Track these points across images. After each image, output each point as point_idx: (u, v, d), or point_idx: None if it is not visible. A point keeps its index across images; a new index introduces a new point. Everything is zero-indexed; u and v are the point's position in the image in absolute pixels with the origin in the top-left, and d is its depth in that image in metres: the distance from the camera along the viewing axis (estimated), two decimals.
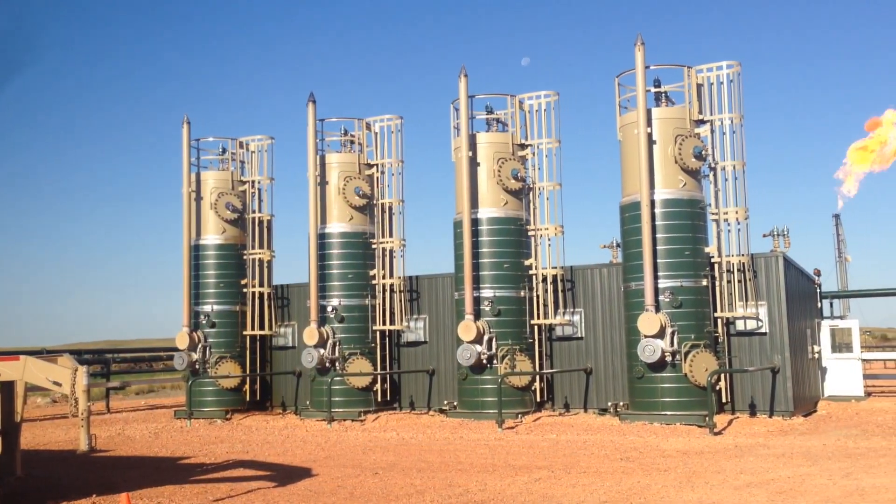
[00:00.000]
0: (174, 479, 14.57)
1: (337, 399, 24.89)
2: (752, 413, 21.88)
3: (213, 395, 26.80)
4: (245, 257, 27.68)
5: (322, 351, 25.31)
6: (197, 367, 26.86)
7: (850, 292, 41.66)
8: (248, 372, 27.20)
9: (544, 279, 24.26)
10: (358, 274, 26.10)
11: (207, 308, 27.28)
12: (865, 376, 28.49)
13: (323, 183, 26.34)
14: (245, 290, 27.48)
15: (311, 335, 25.22)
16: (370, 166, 26.83)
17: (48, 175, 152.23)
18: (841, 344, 28.91)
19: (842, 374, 27.13)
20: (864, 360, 28.24)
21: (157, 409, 30.30)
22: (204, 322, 27.19)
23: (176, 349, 27.32)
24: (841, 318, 33.59)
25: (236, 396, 27.05)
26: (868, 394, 27.75)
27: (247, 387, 27.28)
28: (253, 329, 27.29)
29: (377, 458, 16.70)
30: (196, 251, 27.59)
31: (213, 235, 27.63)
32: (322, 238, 26.09)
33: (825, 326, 27.88)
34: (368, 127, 27.15)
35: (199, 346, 26.86)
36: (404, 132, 26.90)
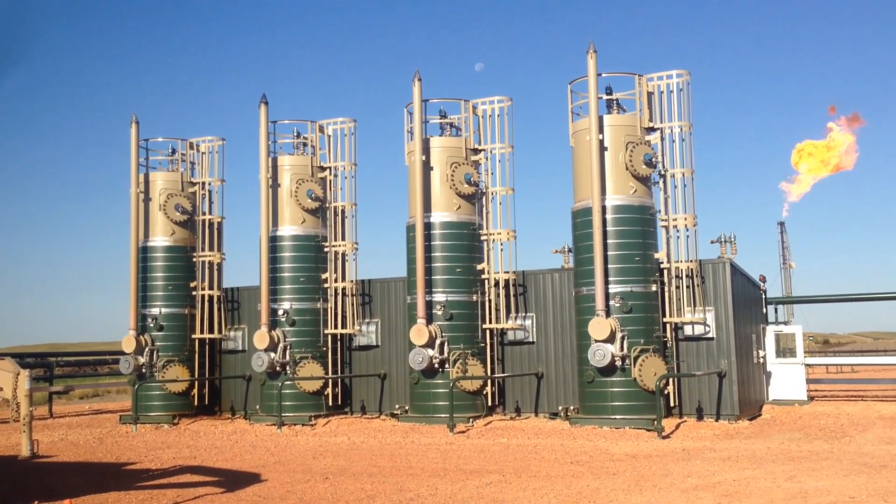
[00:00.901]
0: (119, 485, 14.27)
1: (287, 403, 24.65)
2: (700, 417, 22.22)
3: (160, 400, 26.34)
4: (194, 259, 27.27)
5: (273, 355, 25.05)
6: (144, 370, 26.38)
7: (794, 298, 42.61)
8: (196, 376, 26.79)
9: (496, 284, 24.36)
10: (310, 277, 25.92)
11: (155, 311, 26.82)
12: (808, 381, 29.15)
13: (275, 185, 26.10)
14: (194, 292, 27.07)
15: (261, 339, 24.95)
16: (323, 169, 26.67)
17: None
18: (785, 349, 29.55)
19: (786, 379, 27.74)
20: (807, 365, 28.90)
21: (101, 413, 29.66)
22: (151, 325, 26.72)
23: (122, 353, 26.78)
24: (785, 323, 34.39)
25: (184, 401, 26.62)
26: (811, 398, 28.39)
27: (195, 391, 26.86)
28: (202, 332, 26.89)
29: (327, 462, 16.57)
30: (144, 253, 27.11)
31: (162, 237, 27.18)
32: (274, 241, 25.84)
33: (770, 332, 28.46)
34: (322, 129, 26.99)
35: (147, 349, 26.39)
36: (358, 135, 26.88)
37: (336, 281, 25.96)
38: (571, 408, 23.04)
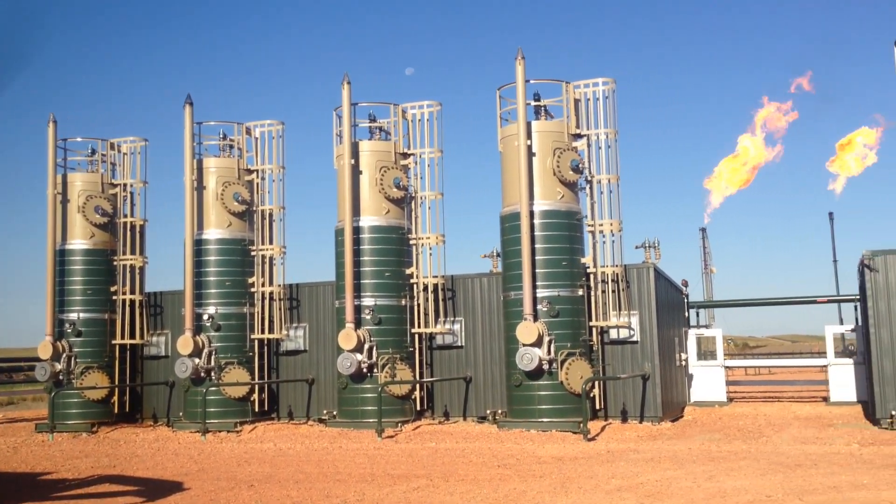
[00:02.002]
0: (34, 495, 13.77)
1: (212, 410, 24.17)
2: (624, 419, 22.62)
3: (78, 408, 25.52)
4: (115, 263, 26.51)
5: (197, 360, 24.54)
6: (61, 377, 25.53)
7: (715, 302, 43.83)
8: (116, 383, 26.05)
9: (425, 288, 24.37)
10: (236, 281, 25.48)
11: (73, 316, 25.98)
12: (728, 382, 29.99)
13: (200, 188, 25.59)
14: (115, 297, 26.32)
15: (185, 344, 24.41)
16: (250, 172, 26.27)
17: None
18: (706, 352, 30.37)
19: (707, 381, 28.47)
20: (727, 368, 29.73)
21: (16, 422, 28.54)
22: (69, 330, 25.88)
23: (38, 359, 25.87)
24: (706, 327, 35.36)
25: (104, 408, 25.85)
26: (730, 399, 29.20)
27: (115, 398, 26.11)
28: (123, 338, 26.15)
29: (253, 469, 16.29)
30: (62, 256, 26.24)
31: (81, 240, 26.36)
32: (199, 244, 25.32)
33: (692, 335, 29.19)
34: (249, 132, 26.59)
35: (64, 355, 25.55)
36: (286, 138, 26.57)
37: (263, 285, 25.59)
38: (499, 411, 23.19)
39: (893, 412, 20.38)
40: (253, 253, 25.76)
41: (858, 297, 26.00)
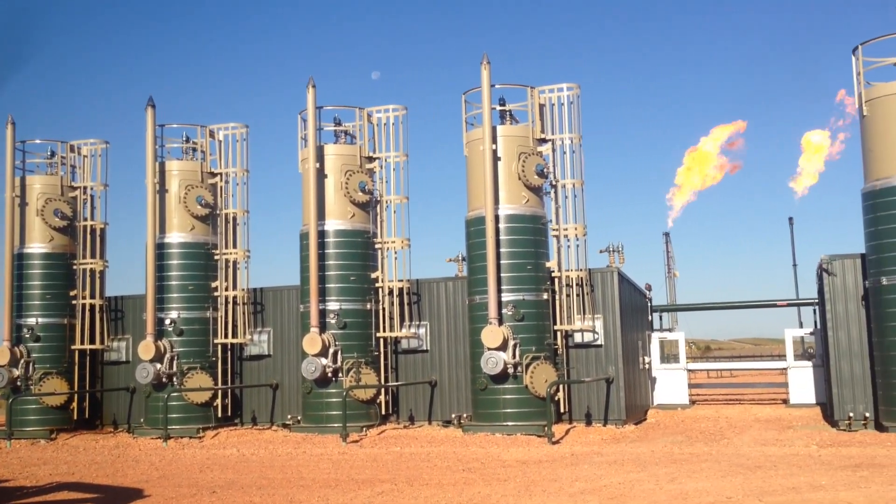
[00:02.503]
0: None
1: (174, 416, 23.87)
2: (588, 422, 22.76)
3: (36, 414, 25.06)
4: (75, 267, 26.11)
5: (158, 366, 24.23)
6: (19, 383, 25.06)
7: (678, 306, 44.21)
8: (75, 389, 25.63)
9: (390, 292, 24.32)
10: (199, 286, 25.21)
11: (31, 321, 25.52)
12: (690, 385, 30.31)
13: (162, 191, 25.31)
14: (74, 301, 25.91)
15: (146, 349, 24.09)
16: (214, 175, 26.04)
17: None
18: (669, 355, 30.67)
19: (669, 384, 28.76)
20: (689, 371, 30.06)
21: None
22: (27, 336, 25.41)
23: None
24: (669, 330, 35.63)
25: (63, 415, 25.40)
26: (693, 402, 29.52)
27: (74, 404, 25.68)
28: (82, 343, 25.74)
29: (215, 476, 16.12)
30: (19, 260, 25.78)
31: (39, 244, 25.91)
32: (161, 248, 25.03)
33: (655, 338, 29.46)
34: (212, 135, 26.35)
35: (22, 361, 25.08)
36: (250, 141, 26.37)
37: (227, 289, 25.36)
38: (464, 415, 23.21)
39: (851, 414, 20.75)
40: (216, 257, 25.51)
41: (817, 300, 26.44)
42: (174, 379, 24.47)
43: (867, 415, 20.53)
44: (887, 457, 15.87)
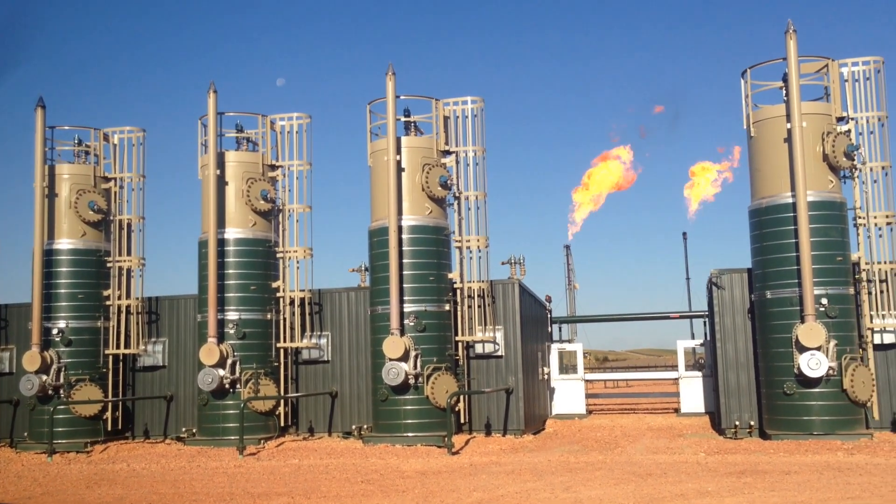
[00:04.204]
0: None
1: (60, 430, 22.86)
2: (488, 432, 22.98)
3: None
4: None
5: (45, 377, 23.17)
6: None
7: (577, 318, 45.22)
8: None
9: (292, 302, 24.01)
10: (90, 294, 24.26)
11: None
12: (588, 396, 31.00)
13: (52, 195, 24.28)
14: None
15: (31, 360, 23.00)
16: (107, 180, 25.15)
17: None
18: (567, 365, 31.28)
19: (568, 394, 29.34)
20: (587, 381, 30.74)
21: None
22: None
23: None
24: (568, 341, 36.40)
25: None
26: (590, 412, 30.20)
27: None
28: None
29: (103, 492, 15.51)
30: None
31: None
32: (49, 255, 23.97)
33: (554, 349, 30.03)
34: (107, 138, 25.46)
35: None
36: (147, 146, 25.64)
37: (120, 298, 24.50)
38: (365, 426, 23.07)
39: (737, 422, 21.64)
40: (109, 264, 24.62)
41: (707, 313, 27.50)
42: (61, 391, 23.46)
43: (752, 423, 21.44)
44: (770, 463, 16.62)
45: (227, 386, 22.85)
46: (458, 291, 23.09)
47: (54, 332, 23.74)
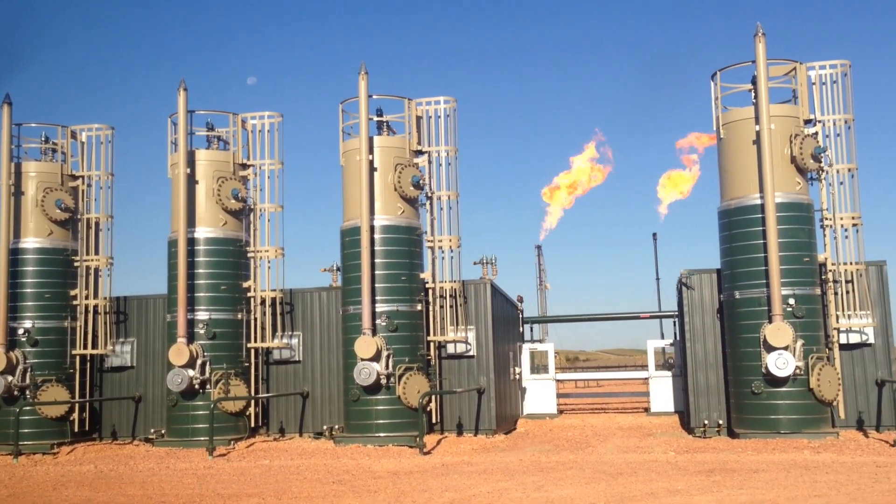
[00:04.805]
0: None
1: (26, 431, 22.51)
2: (460, 432, 23.00)
3: None
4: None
5: (10, 378, 22.81)
6: None
7: (548, 318, 45.41)
8: None
9: (263, 302, 23.85)
10: (57, 293, 23.93)
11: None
12: (559, 395, 31.15)
13: (18, 193, 23.91)
14: None
15: None
16: (75, 178, 24.82)
17: None
18: (539, 365, 31.40)
19: (539, 394, 29.46)
20: (558, 381, 30.89)
21: None
22: None
23: None
24: (540, 341, 36.53)
25: None
26: (561, 411, 30.34)
27: None
28: None
29: (70, 494, 15.30)
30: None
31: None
32: (15, 254, 23.60)
33: (525, 349, 30.13)
34: (74, 136, 25.12)
35: None
36: (116, 144, 25.30)
37: (87, 298, 24.18)
38: (337, 427, 22.99)
39: (706, 421, 21.85)
40: (77, 264, 24.30)
41: (677, 312, 27.75)
42: (27, 392, 23.11)
43: (721, 422, 21.68)
44: (738, 462, 16.80)
45: (196, 386, 22.65)
46: (430, 291, 23.09)
47: (20, 332, 23.38)
